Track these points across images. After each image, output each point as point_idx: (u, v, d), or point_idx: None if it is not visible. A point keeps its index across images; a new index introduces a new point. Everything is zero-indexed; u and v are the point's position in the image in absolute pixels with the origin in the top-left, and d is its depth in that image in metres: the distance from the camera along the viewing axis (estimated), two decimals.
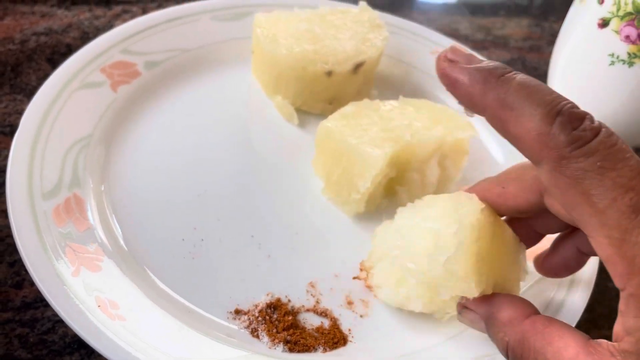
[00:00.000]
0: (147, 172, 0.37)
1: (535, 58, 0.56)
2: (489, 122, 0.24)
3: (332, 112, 0.43)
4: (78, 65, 0.40)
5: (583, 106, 0.41)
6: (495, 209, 0.30)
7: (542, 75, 0.50)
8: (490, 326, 0.27)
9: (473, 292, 0.28)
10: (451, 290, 0.29)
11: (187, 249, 0.34)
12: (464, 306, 0.29)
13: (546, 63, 0.46)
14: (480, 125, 0.44)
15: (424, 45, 0.50)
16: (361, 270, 0.35)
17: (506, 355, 0.26)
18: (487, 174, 0.41)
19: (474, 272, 0.27)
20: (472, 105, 0.24)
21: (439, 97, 0.47)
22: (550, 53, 0.44)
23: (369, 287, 0.34)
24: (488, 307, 0.28)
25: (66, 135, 0.36)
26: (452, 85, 0.25)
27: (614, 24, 0.36)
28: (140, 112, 0.41)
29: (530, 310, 0.27)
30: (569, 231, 0.30)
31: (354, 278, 0.34)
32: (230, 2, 0.48)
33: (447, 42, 0.49)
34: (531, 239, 0.32)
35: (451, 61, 0.25)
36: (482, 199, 0.30)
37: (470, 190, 0.31)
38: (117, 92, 0.41)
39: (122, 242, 0.33)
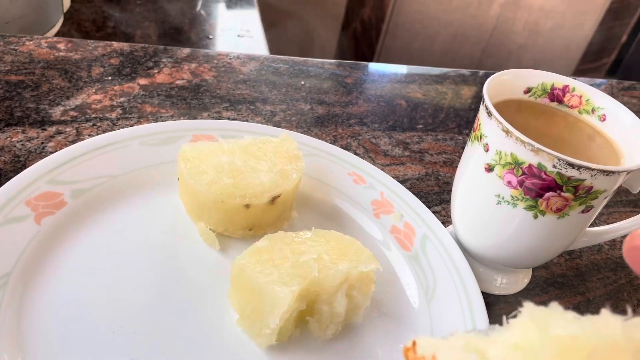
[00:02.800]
0: (65, 310, 0.38)
1: (448, 172, 0.61)
2: None
3: (252, 236, 0.46)
4: (3, 200, 0.41)
5: (476, 236, 0.45)
6: None
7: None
8: None
9: None
10: None
11: None
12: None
13: None
14: (389, 253, 0.48)
15: (342, 167, 0.53)
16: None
17: None
18: (395, 298, 0.45)
19: None
20: None
21: (354, 218, 0.51)
22: None
23: None
24: None
25: None
26: None
27: (498, 170, 0.41)
28: (63, 244, 0.42)
29: None
30: None
31: None
32: (159, 128, 0.51)
33: (363, 165, 0.53)
34: None
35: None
36: None
37: None
38: (41, 225, 0.42)
39: None
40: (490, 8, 2.17)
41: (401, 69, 0.80)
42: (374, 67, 0.80)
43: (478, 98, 0.76)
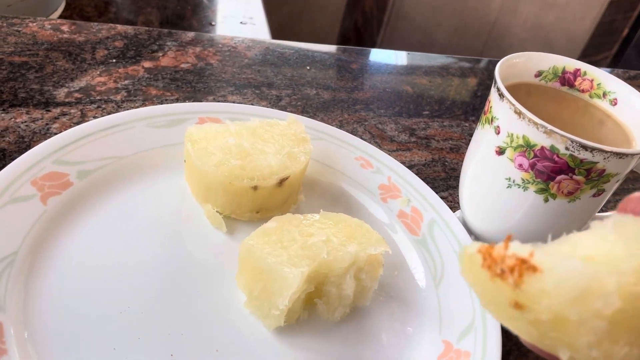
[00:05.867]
0: (71, 290, 0.38)
1: (455, 158, 0.60)
2: None
3: (259, 219, 0.46)
4: (8, 179, 0.41)
5: (485, 220, 0.45)
6: None
7: (459, 176, 0.54)
8: None
9: None
10: None
11: None
12: None
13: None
14: (396, 236, 0.48)
15: (349, 151, 0.53)
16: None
17: None
18: (403, 282, 0.45)
19: None
20: None
21: (361, 202, 0.50)
22: None
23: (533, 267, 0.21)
24: None
25: None
26: None
27: (509, 152, 0.40)
28: (69, 224, 0.42)
29: None
30: None
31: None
32: (165, 110, 0.51)
33: (371, 149, 0.53)
34: None
35: None
36: None
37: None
38: (47, 205, 0.42)
39: None
40: (492, 0, 2.16)
41: (407, 56, 0.79)
42: (379, 53, 0.79)
43: (484, 85, 0.75)
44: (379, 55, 0.78)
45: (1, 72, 0.56)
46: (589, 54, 2.44)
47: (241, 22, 1.11)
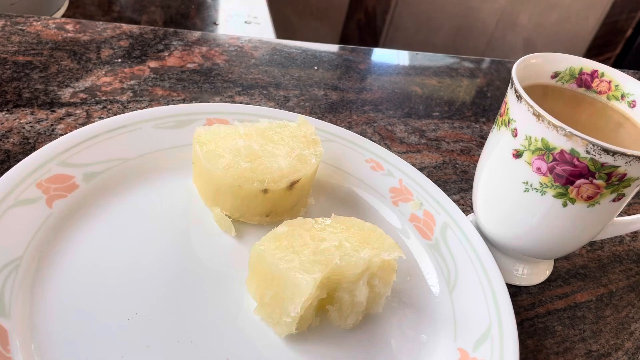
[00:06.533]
0: (77, 295, 0.37)
1: (466, 160, 0.59)
2: None
3: (269, 223, 0.45)
4: (14, 181, 0.40)
5: (499, 225, 0.44)
6: None
7: (471, 179, 0.54)
8: None
9: None
10: None
11: None
12: None
13: (474, 166, 0.49)
14: (408, 241, 0.47)
15: (359, 154, 0.52)
16: None
17: None
18: (416, 288, 0.44)
19: None
20: None
21: (372, 206, 0.49)
22: (478, 156, 0.47)
23: None
24: None
25: None
26: None
27: (527, 156, 0.39)
28: (75, 228, 0.41)
29: None
30: None
31: None
32: (172, 111, 0.50)
33: (381, 151, 0.52)
34: None
35: None
36: None
37: None
38: (52, 208, 0.41)
39: None
40: (495, 0, 2.15)
41: (415, 56, 0.78)
42: (387, 53, 0.78)
43: (494, 86, 0.74)
44: (386, 56, 0.77)
45: (5, 71, 0.55)
46: (593, 55, 2.43)
47: (245, 22, 1.10)
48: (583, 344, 0.44)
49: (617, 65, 2.60)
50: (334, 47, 0.74)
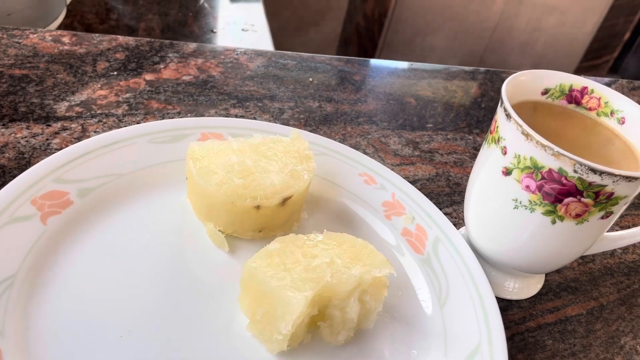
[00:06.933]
0: (71, 313, 0.37)
1: (459, 173, 0.60)
2: None
3: (262, 238, 0.45)
4: (8, 198, 0.40)
5: (490, 240, 0.44)
6: None
7: (463, 191, 0.54)
8: None
9: None
10: None
11: None
12: None
13: (467, 179, 0.49)
14: (400, 255, 0.47)
15: (353, 167, 0.52)
16: None
17: None
18: (408, 303, 0.44)
19: None
20: None
21: (364, 220, 0.50)
22: (471, 167, 0.47)
23: None
24: None
25: None
26: None
27: (516, 174, 0.40)
28: (70, 244, 0.41)
29: None
30: None
31: None
32: (167, 125, 0.50)
33: (375, 165, 0.52)
34: None
35: None
36: None
37: None
38: (47, 225, 0.41)
39: None
40: (493, 4, 2.16)
41: (410, 67, 0.79)
42: (382, 64, 0.78)
43: (488, 96, 0.75)
44: (382, 67, 0.78)
45: (1, 85, 0.55)
46: (591, 58, 2.44)
47: (243, 29, 1.10)
48: (573, 358, 0.44)
49: (614, 68, 2.61)
50: (329, 58, 0.74)
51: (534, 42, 2.29)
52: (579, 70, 2.34)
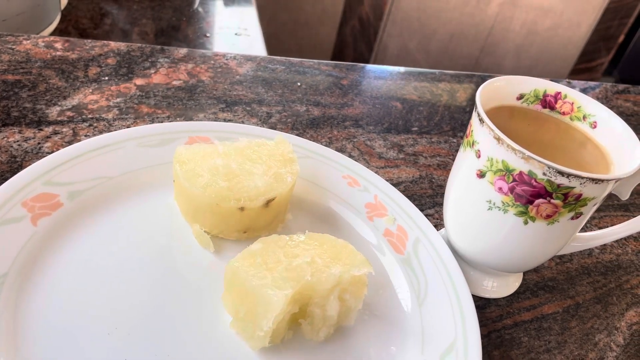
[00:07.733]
0: (60, 312, 0.39)
1: (442, 175, 0.61)
2: None
3: (247, 239, 0.46)
4: None
5: (467, 240, 0.46)
6: None
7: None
8: None
9: None
10: None
11: None
12: None
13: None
14: (381, 255, 0.49)
15: (337, 170, 0.54)
16: None
17: None
18: (388, 301, 0.46)
19: None
20: None
21: (347, 221, 0.51)
22: None
23: None
24: None
25: None
26: None
27: (489, 176, 0.41)
28: (59, 245, 0.43)
29: None
30: None
31: None
32: (155, 129, 0.52)
33: (358, 168, 0.54)
34: None
35: None
36: None
37: None
38: (37, 226, 0.43)
39: None
40: (488, 7, 2.17)
41: (397, 70, 0.80)
42: (370, 68, 0.80)
43: (473, 101, 0.76)
44: (369, 71, 0.79)
45: None
46: (585, 60, 2.45)
47: (236, 34, 1.12)
48: (548, 355, 0.46)
49: (609, 70, 2.63)
50: (317, 63, 0.76)
51: (529, 44, 2.31)
52: (573, 73, 2.35)
